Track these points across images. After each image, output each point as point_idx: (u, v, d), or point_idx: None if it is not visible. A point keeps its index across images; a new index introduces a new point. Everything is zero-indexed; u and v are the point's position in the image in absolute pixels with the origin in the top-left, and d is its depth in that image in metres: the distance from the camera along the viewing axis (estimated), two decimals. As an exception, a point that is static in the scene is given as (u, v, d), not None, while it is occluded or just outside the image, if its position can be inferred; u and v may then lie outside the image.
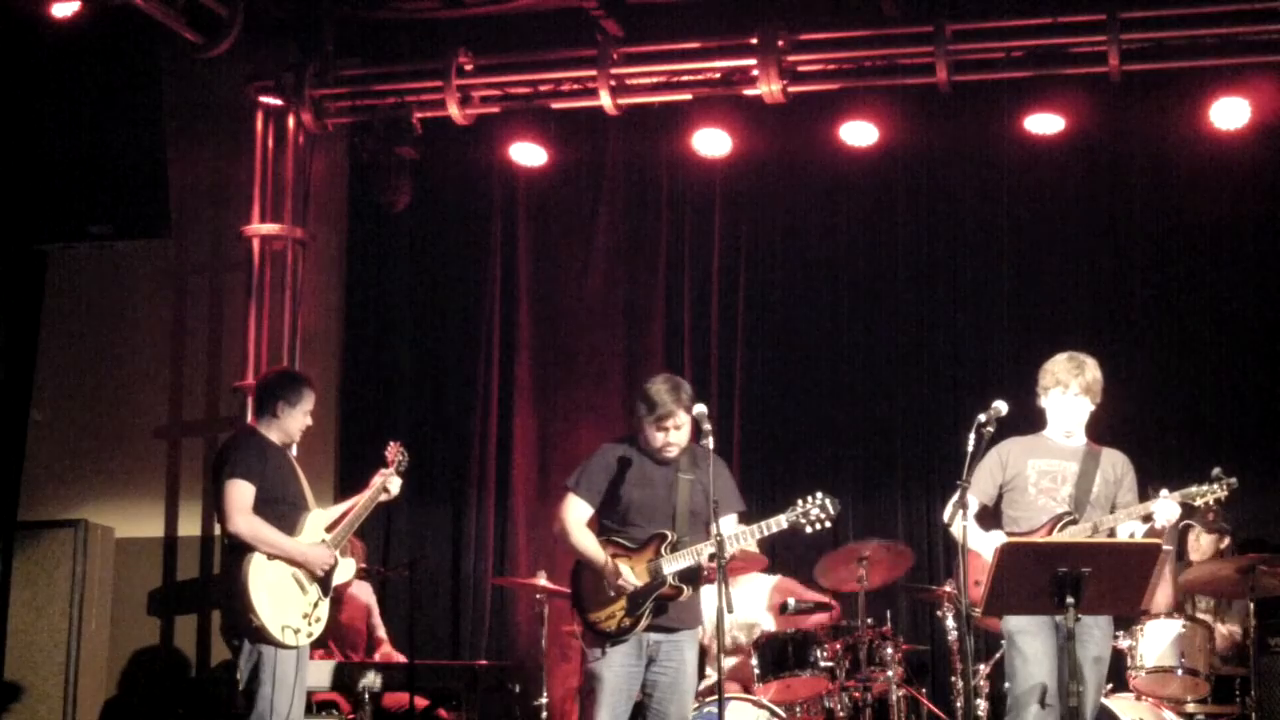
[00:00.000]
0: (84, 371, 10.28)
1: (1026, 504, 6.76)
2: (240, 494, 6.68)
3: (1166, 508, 6.65)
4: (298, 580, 6.76)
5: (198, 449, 10.09)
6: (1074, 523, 6.70)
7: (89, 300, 10.35)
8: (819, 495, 6.64)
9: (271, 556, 6.69)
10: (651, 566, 6.60)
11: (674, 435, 6.64)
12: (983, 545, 6.68)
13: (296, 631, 6.69)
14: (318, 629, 6.83)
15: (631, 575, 6.58)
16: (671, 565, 6.58)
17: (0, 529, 9.82)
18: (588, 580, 6.72)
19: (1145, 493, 6.85)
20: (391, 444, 7.29)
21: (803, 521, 6.65)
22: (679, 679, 6.66)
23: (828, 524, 6.67)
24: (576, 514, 6.73)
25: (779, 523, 6.64)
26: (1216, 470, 6.70)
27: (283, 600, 6.68)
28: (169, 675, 9.81)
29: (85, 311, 10.34)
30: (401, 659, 8.59)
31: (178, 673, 9.82)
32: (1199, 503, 6.76)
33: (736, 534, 6.59)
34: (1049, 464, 6.80)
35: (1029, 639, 6.58)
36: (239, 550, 6.69)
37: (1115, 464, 6.85)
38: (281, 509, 6.77)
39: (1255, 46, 8.67)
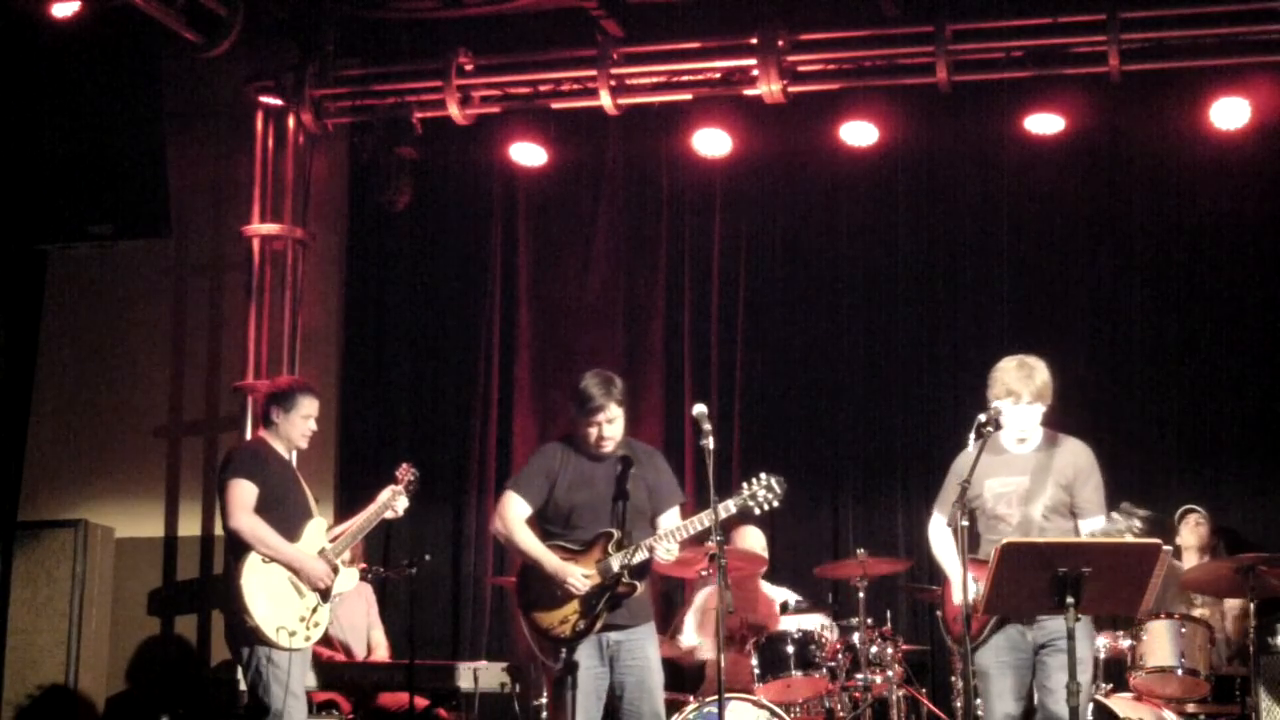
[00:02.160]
0: (84, 371, 10.29)
1: (989, 527, 6.68)
2: (241, 492, 6.71)
3: (1102, 526, 6.51)
4: (294, 584, 6.75)
5: (198, 449, 10.10)
6: None
7: (89, 300, 10.36)
8: (764, 476, 6.61)
9: (269, 559, 6.69)
10: (601, 566, 6.55)
11: (607, 429, 6.61)
12: (952, 571, 6.66)
13: (293, 634, 6.67)
14: (316, 633, 6.82)
15: (583, 577, 6.55)
16: (620, 562, 6.54)
17: (0, 529, 9.83)
18: (535, 584, 6.64)
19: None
20: (404, 465, 7.33)
21: (751, 504, 6.62)
22: (645, 675, 6.61)
23: (775, 504, 6.64)
24: (516, 512, 6.66)
25: (727, 507, 6.58)
26: (1124, 504, 6.45)
27: (279, 602, 6.67)
28: (169, 675, 9.81)
29: (85, 311, 10.35)
30: (383, 659, 8.61)
31: (178, 672, 9.81)
32: (1134, 528, 6.56)
33: (685, 524, 6.55)
34: (1003, 484, 6.66)
35: (992, 680, 6.56)
36: (237, 551, 6.70)
37: (1069, 463, 6.66)
38: (283, 512, 6.77)
39: (1255, 46, 8.67)
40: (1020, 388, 6.64)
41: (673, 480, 6.84)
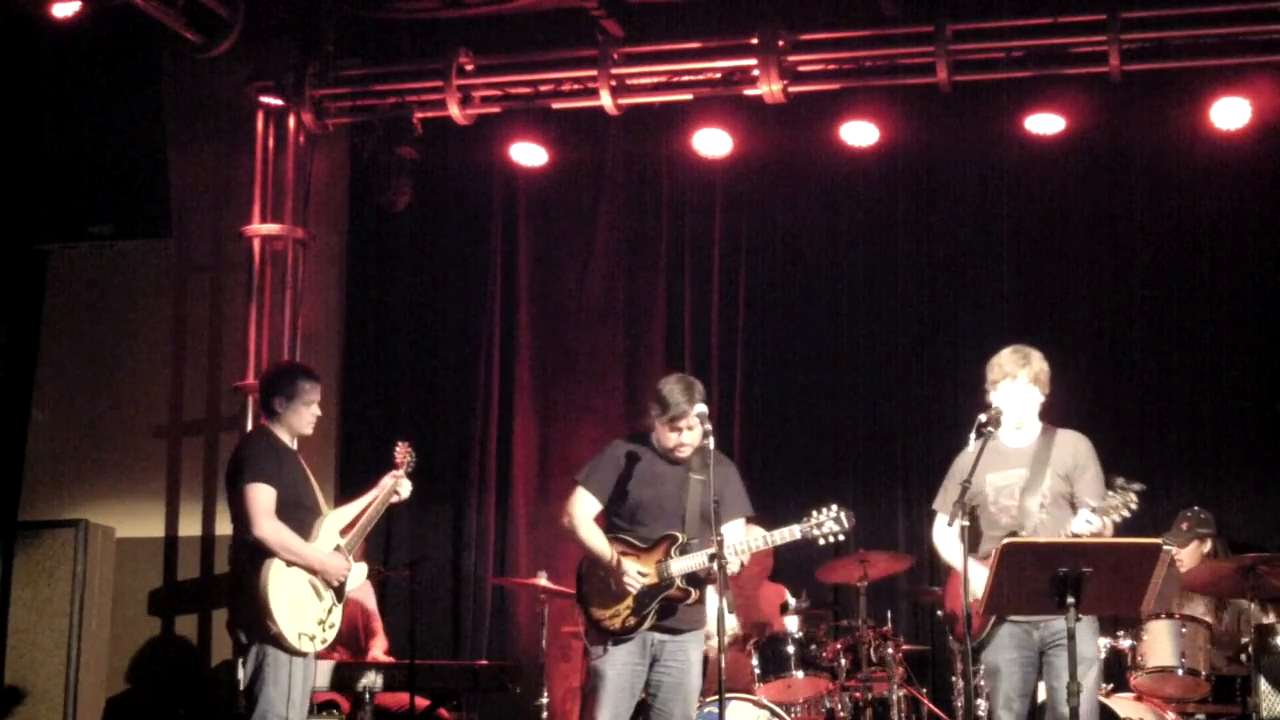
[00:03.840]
0: (84, 371, 10.28)
1: (991, 521, 6.71)
2: (263, 498, 6.56)
3: (1083, 521, 6.49)
4: (314, 587, 6.68)
5: (198, 449, 10.10)
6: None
7: (89, 300, 10.35)
8: (834, 508, 6.65)
9: (290, 563, 6.62)
10: (660, 567, 6.60)
11: (687, 435, 6.64)
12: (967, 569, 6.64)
13: (312, 638, 6.62)
14: (331, 634, 6.77)
15: (639, 575, 6.57)
16: (680, 567, 6.58)
17: (0, 529, 9.83)
18: (594, 577, 6.71)
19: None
20: (400, 445, 7.26)
21: (815, 533, 6.67)
22: (684, 679, 6.66)
23: (841, 537, 6.68)
24: (584, 509, 6.73)
25: (791, 533, 6.65)
26: (1120, 480, 6.52)
27: (300, 607, 6.60)
28: (170, 675, 9.81)
29: (85, 311, 10.35)
30: (389, 659, 8.60)
31: (178, 672, 9.81)
32: (1113, 515, 6.46)
33: (746, 541, 6.58)
34: (1003, 478, 6.71)
35: (1001, 679, 6.57)
36: (258, 555, 6.57)
37: (1067, 454, 6.72)
38: (298, 514, 6.66)
39: (1255, 46, 8.66)
40: (1015, 369, 6.74)
41: (741, 492, 6.83)
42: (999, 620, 6.55)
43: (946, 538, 6.82)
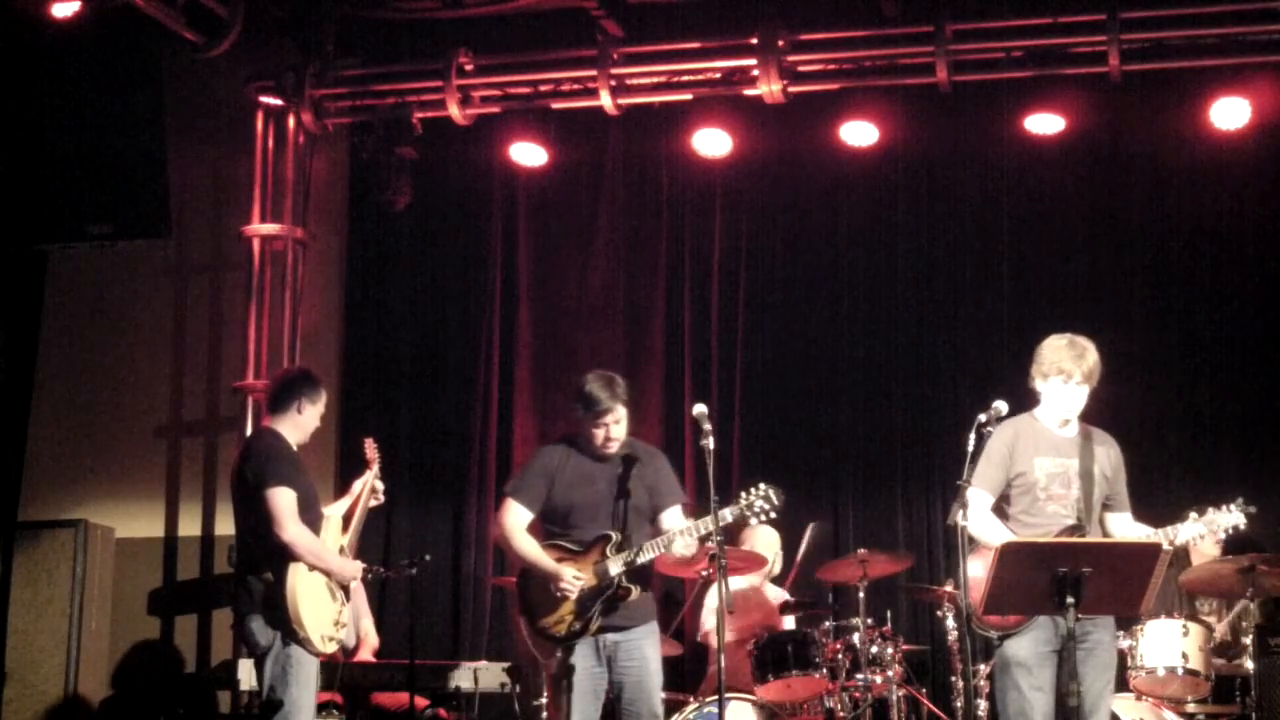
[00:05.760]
0: (84, 371, 10.29)
1: (1037, 509, 6.54)
2: (290, 501, 6.54)
3: (1191, 530, 6.56)
4: (330, 589, 6.70)
5: (198, 449, 10.10)
6: (1083, 534, 6.54)
7: (89, 300, 10.36)
8: (762, 486, 6.62)
9: (313, 567, 6.62)
10: (598, 569, 6.58)
11: (614, 430, 6.64)
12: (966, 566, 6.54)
13: (330, 640, 6.65)
14: (342, 634, 6.79)
15: (575, 579, 6.56)
16: (618, 565, 6.56)
17: (0, 529, 9.83)
18: (534, 586, 6.68)
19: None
20: (367, 441, 7.23)
21: (748, 514, 6.63)
22: (644, 676, 6.63)
23: (773, 514, 6.64)
24: (515, 519, 6.70)
25: (724, 516, 6.60)
26: (1240, 499, 6.60)
27: (320, 610, 6.60)
28: (169, 675, 9.81)
29: (85, 311, 10.35)
30: (371, 659, 8.60)
31: (178, 672, 9.81)
32: (1219, 532, 6.60)
33: (684, 529, 6.55)
34: (1055, 464, 6.55)
35: (1034, 673, 6.39)
36: (281, 558, 6.54)
37: (1109, 454, 6.64)
38: (308, 517, 6.67)
39: (1255, 46, 8.67)
40: (1072, 366, 6.50)
41: (674, 480, 6.84)
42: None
43: (986, 518, 6.52)
